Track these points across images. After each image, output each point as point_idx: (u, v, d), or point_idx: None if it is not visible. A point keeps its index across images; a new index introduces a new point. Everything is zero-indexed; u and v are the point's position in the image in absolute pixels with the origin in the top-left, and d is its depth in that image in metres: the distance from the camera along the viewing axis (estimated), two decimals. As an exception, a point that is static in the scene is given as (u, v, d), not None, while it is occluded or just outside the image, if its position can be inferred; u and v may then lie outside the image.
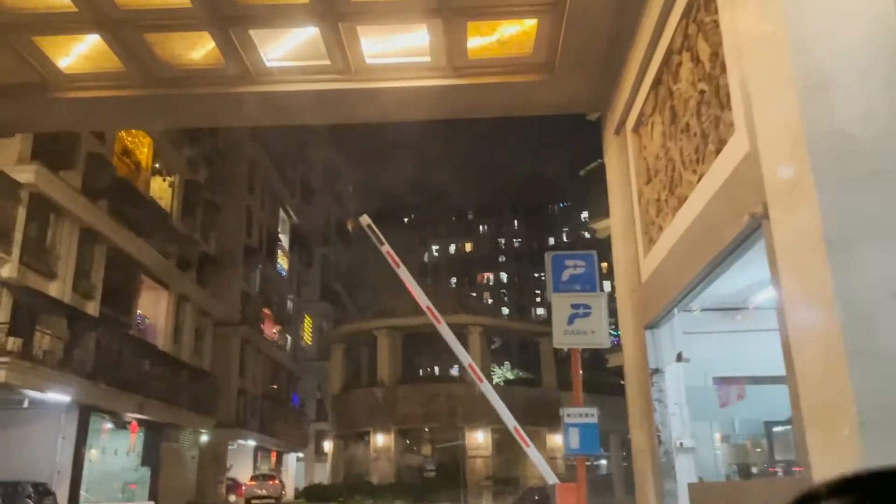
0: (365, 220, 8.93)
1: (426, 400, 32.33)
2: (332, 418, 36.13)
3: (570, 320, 6.98)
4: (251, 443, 40.27)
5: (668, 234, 7.46)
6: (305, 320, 58.04)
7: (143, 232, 27.25)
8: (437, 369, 43.55)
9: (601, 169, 28.75)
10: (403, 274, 8.74)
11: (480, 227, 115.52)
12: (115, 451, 26.48)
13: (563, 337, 7.22)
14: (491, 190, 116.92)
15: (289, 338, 51.53)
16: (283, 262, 50.11)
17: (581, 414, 8.17)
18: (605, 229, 30.55)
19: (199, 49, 8.33)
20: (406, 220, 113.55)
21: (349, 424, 33.93)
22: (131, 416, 25.60)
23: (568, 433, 7.90)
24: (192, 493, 32.13)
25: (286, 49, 8.16)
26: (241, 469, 39.93)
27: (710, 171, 6.04)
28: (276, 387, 47.42)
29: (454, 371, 40.72)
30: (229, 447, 37.51)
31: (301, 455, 54.25)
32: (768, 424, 8.36)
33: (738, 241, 5.37)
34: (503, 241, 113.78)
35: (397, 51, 8.50)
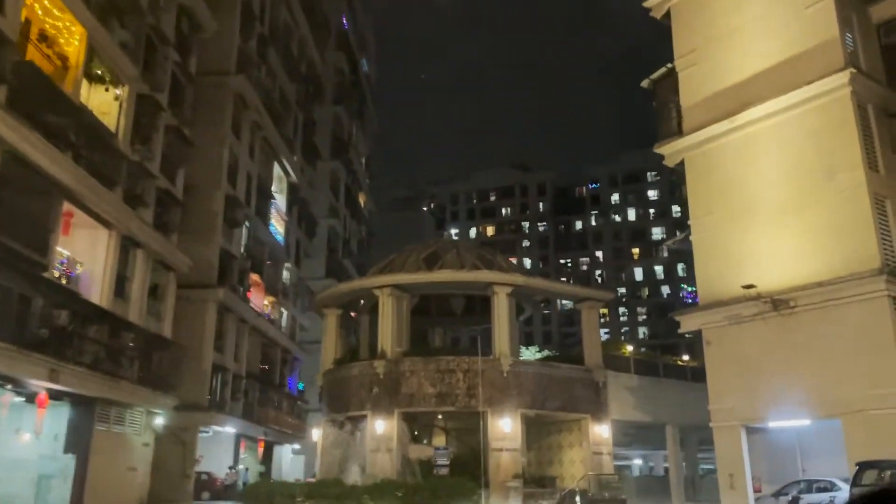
0: None
1: (439, 377, 25.46)
2: (324, 400, 29.38)
3: None
4: (230, 430, 33.70)
5: None
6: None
7: (68, 146, 20.69)
8: (453, 340, 36.64)
9: (671, 77, 21.05)
10: None
11: (503, 210, 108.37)
12: (18, 432, 19.95)
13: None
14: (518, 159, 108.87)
15: (284, 313, 44.96)
16: (278, 225, 43.48)
17: None
18: (677, 153, 23.36)
19: None
20: (425, 207, 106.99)
21: (343, 407, 27.17)
22: (41, 386, 19.05)
23: None
24: (145, 489, 25.53)
25: None
26: (218, 461, 33.43)
27: None
28: (266, 367, 40.90)
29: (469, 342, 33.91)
30: (201, 434, 30.96)
31: (298, 447, 47.81)
32: None
33: None
34: (527, 224, 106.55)
35: None
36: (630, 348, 33.35)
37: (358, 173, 67.65)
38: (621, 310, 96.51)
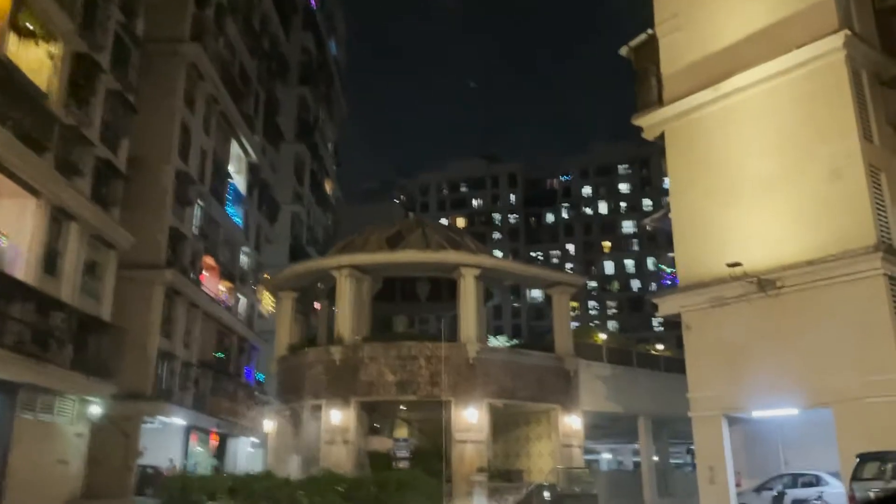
0: None
1: (400, 364, 23.77)
2: (277, 388, 27.51)
3: None
4: (179, 421, 31.59)
5: None
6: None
7: (-13, 103, 18.57)
8: (417, 324, 34.90)
9: (651, 44, 19.36)
10: None
11: (474, 202, 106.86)
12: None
13: None
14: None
15: (242, 299, 42.82)
16: (236, 207, 41.32)
17: None
18: (656, 125, 21.80)
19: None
20: (395, 200, 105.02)
21: (297, 396, 25.34)
22: (-52, 368, 16.98)
23: None
24: (78, 483, 23.44)
25: None
26: (167, 454, 31.30)
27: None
28: (221, 356, 38.76)
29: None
30: (145, 425, 28.87)
31: (257, 440, 45.72)
32: None
33: None
34: (498, 216, 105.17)
35: None
36: (603, 336, 31.89)
37: (325, 159, 65.53)
38: (591, 303, 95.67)
